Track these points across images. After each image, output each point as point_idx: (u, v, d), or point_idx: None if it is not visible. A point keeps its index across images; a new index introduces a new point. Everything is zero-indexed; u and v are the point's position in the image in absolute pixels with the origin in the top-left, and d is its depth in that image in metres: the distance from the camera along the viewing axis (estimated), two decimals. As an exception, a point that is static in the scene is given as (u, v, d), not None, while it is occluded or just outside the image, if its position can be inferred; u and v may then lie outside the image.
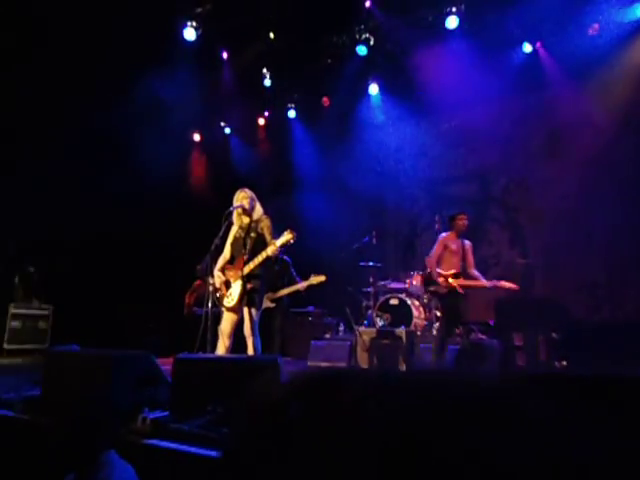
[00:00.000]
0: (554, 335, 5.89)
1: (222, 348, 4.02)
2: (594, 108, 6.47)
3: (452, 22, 6.74)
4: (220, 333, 4.04)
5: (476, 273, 5.27)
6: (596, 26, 6.29)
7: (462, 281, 5.14)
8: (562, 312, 6.68)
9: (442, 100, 7.22)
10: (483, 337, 6.35)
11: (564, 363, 5.79)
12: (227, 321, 4.09)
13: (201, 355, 3.96)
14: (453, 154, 8.10)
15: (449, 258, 5.23)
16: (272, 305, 5.95)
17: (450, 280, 5.11)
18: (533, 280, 6.78)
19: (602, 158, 6.54)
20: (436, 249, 5.29)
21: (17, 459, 2.77)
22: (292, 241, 3.92)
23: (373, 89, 8.13)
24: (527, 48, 6.97)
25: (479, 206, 7.93)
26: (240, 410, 0.44)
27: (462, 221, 5.30)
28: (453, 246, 5.26)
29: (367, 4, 6.85)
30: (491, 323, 6.56)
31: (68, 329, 6.55)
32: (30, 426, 2.88)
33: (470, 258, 5.32)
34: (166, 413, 2.69)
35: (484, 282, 5.17)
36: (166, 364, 3.34)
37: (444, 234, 5.40)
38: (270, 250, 3.90)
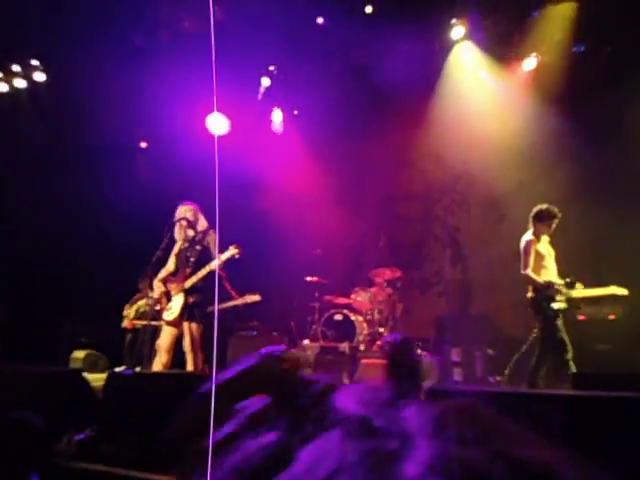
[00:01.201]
0: (489, 351, 6.15)
1: (159, 364, 3.89)
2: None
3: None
4: (157, 348, 3.92)
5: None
6: None
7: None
8: (498, 329, 7.00)
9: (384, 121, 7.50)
10: (424, 353, 6.52)
11: (498, 378, 6.04)
12: (166, 335, 3.98)
13: (135, 371, 3.81)
14: (399, 173, 8.36)
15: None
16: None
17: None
18: (471, 297, 7.06)
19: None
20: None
21: None
22: (237, 256, 3.89)
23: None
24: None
25: (422, 224, 8.21)
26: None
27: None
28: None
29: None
30: (430, 339, 6.75)
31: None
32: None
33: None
34: (93, 433, 2.56)
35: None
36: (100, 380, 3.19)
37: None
38: (214, 264, 3.86)
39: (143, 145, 9.34)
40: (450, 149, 7.74)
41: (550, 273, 4.88)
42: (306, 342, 6.58)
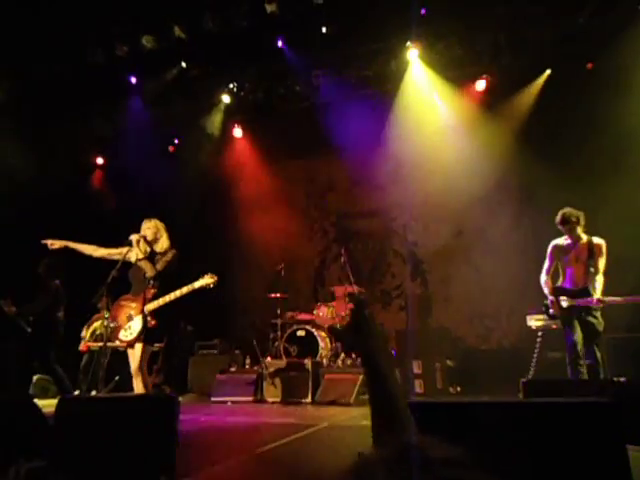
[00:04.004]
0: (449, 362, 6.29)
1: (140, 387, 3.76)
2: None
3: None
4: (133, 373, 3.78)
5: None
6: None
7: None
8: (456, 340, 7.18)
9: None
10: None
11: (458, 389, 6.18)
12: (131, 357, 3.86)
13: (89, 395, 3.68)
14: (357, 190, 8.53)
15: None
16: None
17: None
18: (431, 310, 7.22)
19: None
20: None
21: None
22: (212, 286, 3.83)
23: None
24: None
25: (381, 240, 8.37)
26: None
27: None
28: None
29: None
30: (393, 352, 6.83)
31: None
32: None
33: None
34: (44, 463, 2.46)
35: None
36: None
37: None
38: (186, 289, 3.78)
39: (100, 161, 9.17)
40: (407, 166, 7.97)
41: (569, 277, 4.65)
42: (268, 359, 6.52)
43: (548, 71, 7.14)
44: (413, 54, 7.10)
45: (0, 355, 6.47)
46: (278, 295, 7.19)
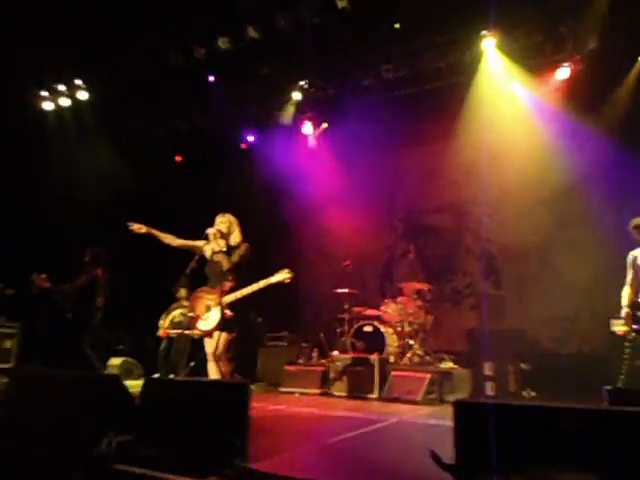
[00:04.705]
0: (523, 366, 6.01)
1: (214, 372, 3.98)
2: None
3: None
4: (213, 360, 4.01)
5: None
6: None
7: None
8: (532, 343, 6.84)
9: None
10: (455, 366, 6.43)
11: (533, 393, 5.90)
12: (208, 345, 4.07)
13: (171, 378, 3.92)
14: (428, 184, 8.34)
15: None
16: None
17: None
18: (504, 311, 6.92)
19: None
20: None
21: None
22: (287, 281, 3.93)
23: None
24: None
25: (453, 236, 8.13)
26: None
27: None
28: None
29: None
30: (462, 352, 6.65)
31: (36, 349, 6.40)
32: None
33: None
34: (132, 437, 2.66)
35: None
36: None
37: None
38: (263, 283, 3.90)
39: (178, 159, 9.67)
40: (481, 160, 7.67)
41: None
42: (335, 353, 6.58)
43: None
44: (489, 43, 6.83)
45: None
46: (346, 290, 7.23)
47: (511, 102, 7.32)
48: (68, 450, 1.99)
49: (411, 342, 6.73)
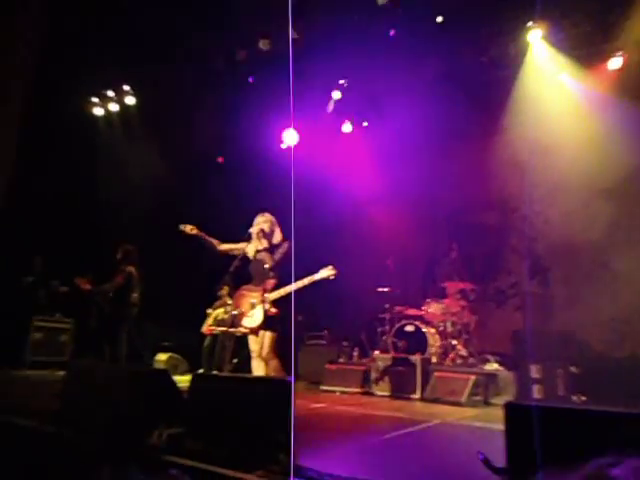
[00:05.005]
0: (573, 369, 5.78)
1: (259, 369, 4.05)
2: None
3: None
4: (259, 357, 4.08)
5: None
6: None
7: None
8: (582, 346, 6.56)
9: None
10: (500, 368, 6.26)
11: (583, 398, 5.66)
12: (252, 342, 4.14)
13: (217, 373, 4.00)
14: (472, 182, 8.14)
15: None
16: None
17: None
18: (552, 312, 6.69)
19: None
20: None
21: (35, 470, 2.84)
22: (332, 278, 3.96)
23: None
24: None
25: (498, 235, 7.91)
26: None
27: None
28: None
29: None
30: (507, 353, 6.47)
31: (89, 343, 6.70)
32: (50, 438, 2.96)
33: None
34: (181, 430, 2.74)
35: None
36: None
37: None
38: (307, 280, 3.94)
39: (220, 160, 9.86)
40: (527, 154, 7.42)
41: None
42: (377, 353, 6.55)
43: None
44: (535, 35, 6.61)
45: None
46: (386, 289, 7.17)
47: (560, 94, 7.05)
48: (121, 441, 2.07)
49: (454, 342, 6.61)
